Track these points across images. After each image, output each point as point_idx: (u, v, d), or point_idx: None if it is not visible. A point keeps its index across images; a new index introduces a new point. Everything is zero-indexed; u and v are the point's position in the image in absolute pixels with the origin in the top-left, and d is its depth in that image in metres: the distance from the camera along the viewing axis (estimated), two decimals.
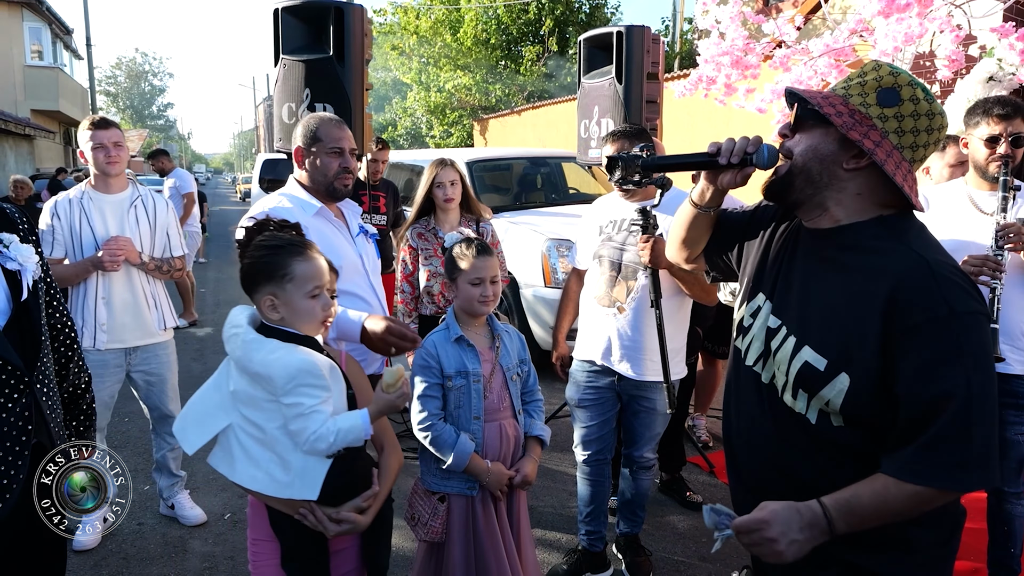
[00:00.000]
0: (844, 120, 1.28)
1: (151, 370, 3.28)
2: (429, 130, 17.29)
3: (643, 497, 2.99)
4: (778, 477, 1.41)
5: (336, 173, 2.33)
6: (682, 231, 1.67)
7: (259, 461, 1.62)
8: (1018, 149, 2.48)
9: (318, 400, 1.58)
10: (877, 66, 1.32)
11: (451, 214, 3.54)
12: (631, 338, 2.72)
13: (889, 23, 4.65)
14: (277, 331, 1.64)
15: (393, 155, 9.57)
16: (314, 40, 3.64)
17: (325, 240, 2.21)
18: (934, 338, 1.19)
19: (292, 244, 1.66)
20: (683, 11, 15.16)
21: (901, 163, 1.29)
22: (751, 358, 1.46)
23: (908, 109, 1.28)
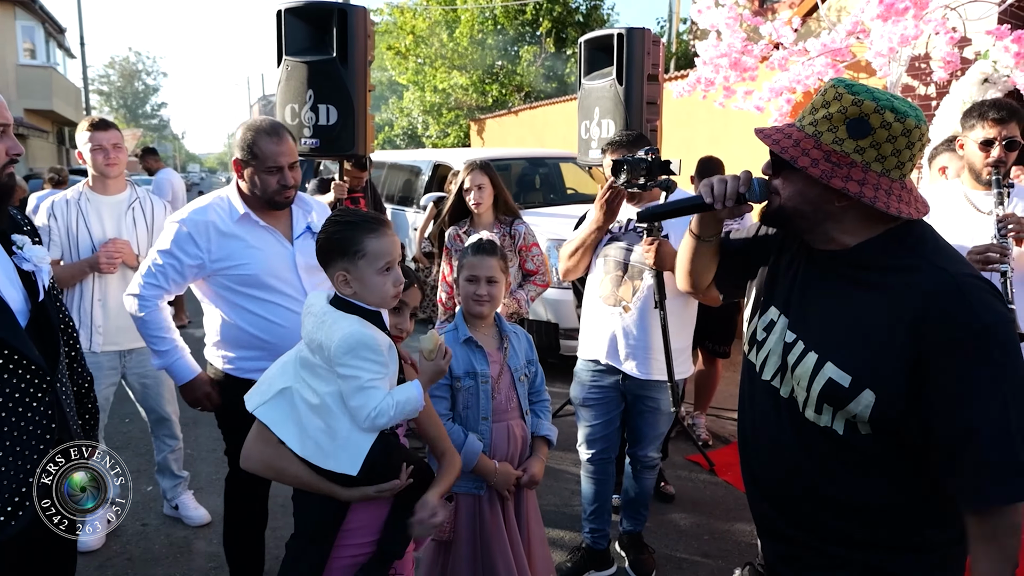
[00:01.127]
0: (823, 168, 1.27)
1: (147, 372, 3.26)
2: (426, 130, 17.29)
3: (646, 495, 3.01)
4: (798, 487, 1.42)
5: (274, 191, 2.33)
6: (687, 263, 1.69)
7: (308, 428, 1.65)
8: (1012, 152, 2.52)
9: (376, 375, 1.60)
10: (838, 95, 1.29)
11: (484, 217, 3.55)
12: (637, 337, 2.74)
13: (885, 24, 4.69)
14: (348, 305, 1.67)
15: (391, 155, 9.58)
16: (317, 41, 3.65)
17: (244, 246, 2.32)
18: (966, 354, 1.20)
19: (365, 220, 1.69)
20: (679, 12, 15.21)
21: (892, 185, 1.28)
22: (768, 373, 1.46)
23: (882, 136, 1.26)
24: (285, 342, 2.19)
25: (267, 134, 2.30)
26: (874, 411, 1.27)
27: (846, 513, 1.37)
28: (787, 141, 1.33)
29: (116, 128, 3.22)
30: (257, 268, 2.33)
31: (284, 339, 2.27)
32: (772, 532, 1.53)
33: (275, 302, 2.36)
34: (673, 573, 3.08)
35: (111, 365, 3.19)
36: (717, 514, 3.56)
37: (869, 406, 1.28)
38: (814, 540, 1.42)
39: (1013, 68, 4.46)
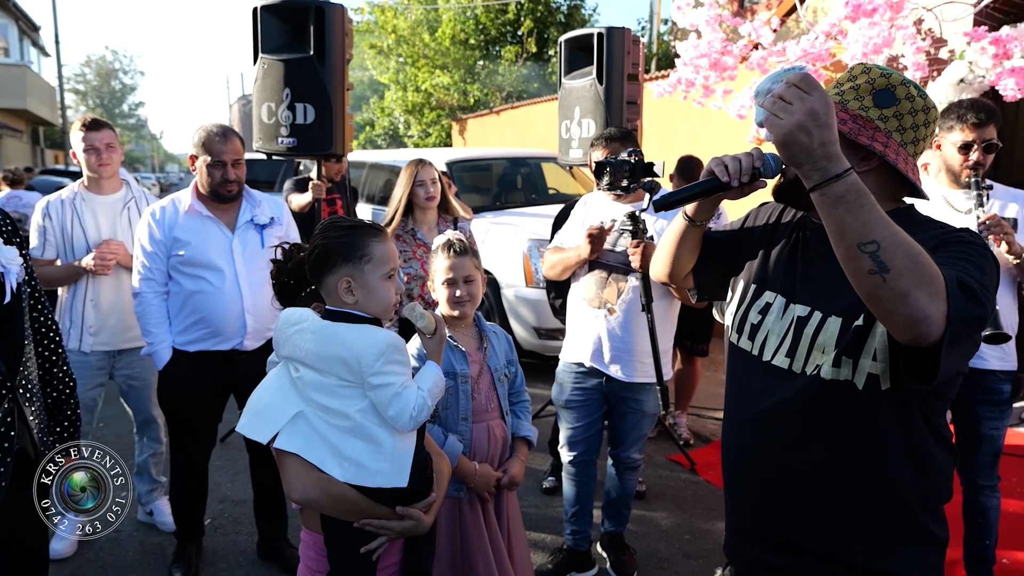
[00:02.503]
0: (851, 127, 1.32)
1: (135, 374, 3.23)
2: (407, 130, 17.21)
3: (628, 496, 3.01)
4: (808, 467, 1.39)
5: (218, 183, 2.77)
6: (672, 246, 1.66)
7: (345, 451, 1.56)
8: (989, 155, 2.54)
9: (405, 377, 1.57)
10: (866, 69, 1.36)
11: (429, 214, 3.52)
12: (622, 339, 2.73)
13: (860, 27, 4.73)
14: (343, 316, 1.60)
15: (372, 155, 9.52)
16: (294, 39, 3.61)
17: (189, 231, 2.77)
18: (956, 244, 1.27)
19: (368, 225, 1.65)
20: (659, 12, 15.27)
21: (908, 159, 1.35)
22: (769, 352, 1.44)
23: (906, 107, 1.33)
24: (212, 316, 2.77)
25: (216, 134, 2.76)
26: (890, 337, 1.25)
27: (858, 492, 1.36)
28: None
29: (110, 128, 3.19)
30: (195, 251, 2.75)
31: (211, 313, 2.77)
32: (768, 537, 1.48)
33: (207, 279, 2.77)
34: (654, 573, 3.07)
35: (99, 365, 3.16)
36: (698, 513, 3.56)
37: (885, 331, 1.27)
38: (808, 533, 1.40)
39: (989, 69, 4.51)
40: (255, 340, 2.87)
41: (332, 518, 1.63)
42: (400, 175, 3.55)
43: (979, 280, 1.19)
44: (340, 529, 1.62)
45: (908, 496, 1.36)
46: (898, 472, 1.35)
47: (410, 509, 1.65)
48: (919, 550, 1.37)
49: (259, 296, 2.83)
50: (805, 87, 1.11)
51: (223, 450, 4.19)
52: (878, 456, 1.35)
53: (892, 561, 1.36)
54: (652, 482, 3.88)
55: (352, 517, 1.61)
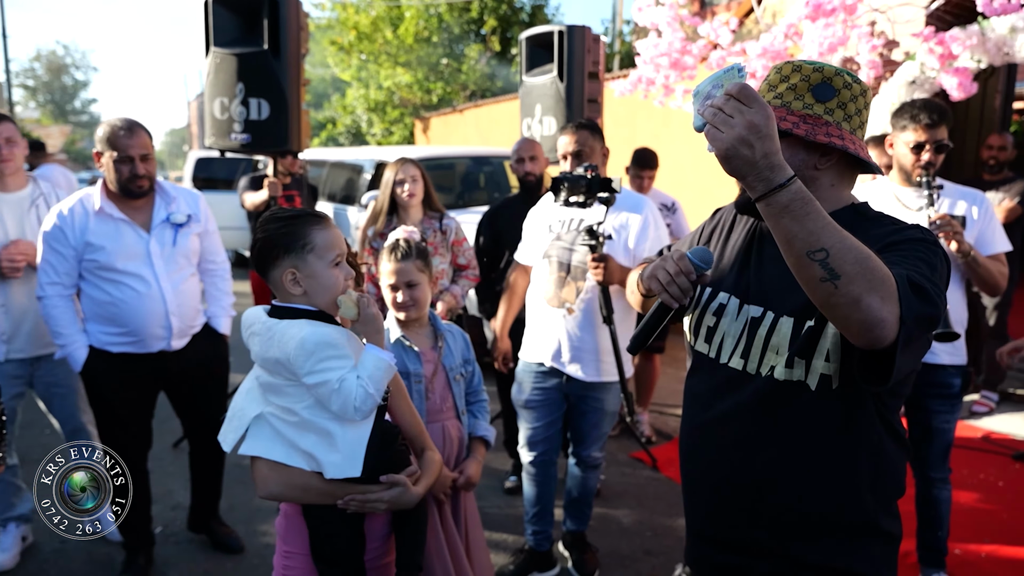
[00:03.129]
0: (805, 129, 1.33)
1: (58, 380, 3.06)
2: (370, 128, 17.03)
3: (590, 495, 3.00)
4: (755, 474, 1.39)
5: (127, 179, 2.66)
6: (638, 295, 1.70)
7: (301, 445, 1.58)
8: (940, 155, 2.59)
9: (344, 370, 1.53)
10: (796, 67, 1.37)
11: (413, 211, 3.48)
12: (581, 339, 2.71)
13: (816, 27, 4.81)
14: (291, 311, 1.58)
15: (332, 153, 9.38)
16: (247, 32, 3.52)
17: (102, 235, 2.67)
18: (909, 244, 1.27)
19: (307, 214, 1.61)
20: (622, 12, 15.38)
21: (860, 142, 1.38)
22: (725, 354, 1.44)
23: (846, 96, 1.35)
24: (134, 322, 2.70)
25: (120, 128, 2.65)
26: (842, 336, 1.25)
27: (808, 486, 1.36)
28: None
29: (11, 121, 3.00)
30: (111, 256, 2.67)
31: (133, 319, 2.71)
32: (723, 539, 1.47)
33: (127, 284, 2.70)
34: (616, 571, 3.07)
35: (16, 374, 2.96)
36: (660, 510, 3.57)
37: (837, 332, 1.27)
38: (765, 532, 1.39)
39: (939, 70, 4.61)
40: (181, 339, 2.85)
41: (316, 509, 1.66)
42: (384, 174, 3.52)
43: (930, 278, 1.20)
44: (320, 509, 1.65)
45: (863, 494, 1.36)
46: (852, 470, 1.35)
47: (396, 476, 1.65)
48: (874, 547, 1.38)
49: (182, 296, 2.82)
50: (744, 99, 1.09)
51: (176, 456, 4.07)
52: (832, 455, 1.35)
53: (848, 559, 1.36)
54: (614, 480, 3.89)
55: (327, 501, 1.63)
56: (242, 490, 3.57)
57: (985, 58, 4.45)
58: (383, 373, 1.56)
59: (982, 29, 4.39)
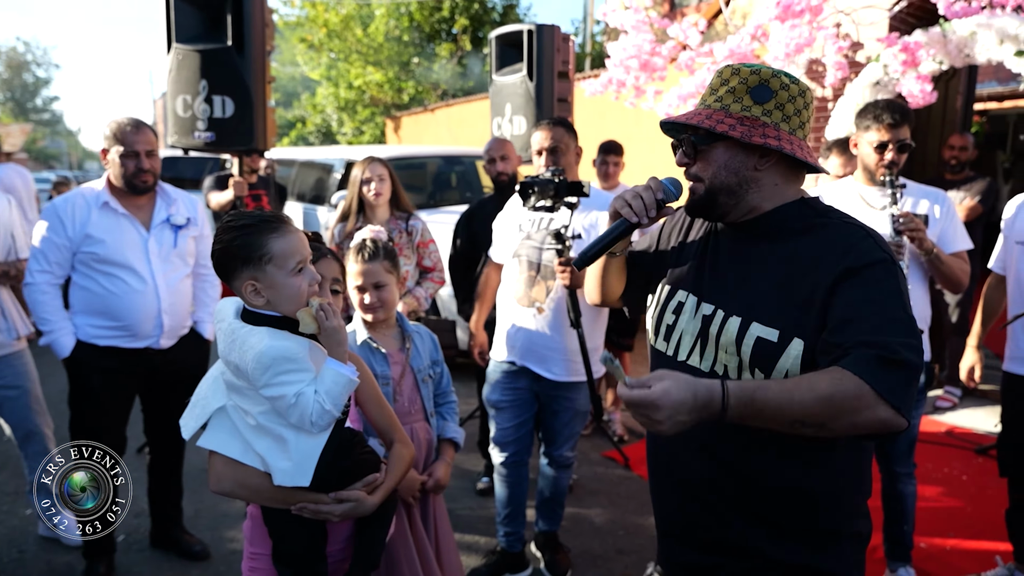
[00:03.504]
0: (741, 131, 1.34)
1: (8, 383, 3.01)
2: (340, 127, 16.86)
3: (562, 495, 2.99)
4: (727, 474, 1.39)
5: (132, 173, 2.73)
6: (598, 279, 1.69)
7: (255, 446, 1.55)
8: (903, 155, 2.62)
9: (302, 384, 1.48)
10: (735, 70, 1.39)
11: (380, 211, 3.44)
12: (551, 339, 2.70)
13: (783, 29, 4.86)
14: (258, 316, 1.53)
15: (302, 152, 9.27)
16: (211, 28, 3.44)
17: (103, 228, 2.72)
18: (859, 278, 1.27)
19: (264, 220, 1.53)
20: (593, 13, 15.42)
21: (801, 143, 1.38)
22: (683, 352, 1.45)
23: (784, 97, 1.36)
24: (127, 317, 2.73)
25: (127, 124, 2.74)
26: (804, 360, 1.28)
27: (772, 489, 1.36)
28: (699, 116, 1.38)
29: None
30: (110, 250, 2.71)
31: (127, 314, 2.73)
32: (690, 538, 1.48)
33: (123, 279, 2.73)
34: (589, 571, 3.06)
35: None
36: (632, 508, 3.58)
37: (799, 356, 1.29)
38: (744, 536, 1.39)
39: (902, 72, 4.69)
40: (170, 339, 2.88)
41: (274, 512, 1.63)
42: (352, 173, 3.48)
43: (901, 318, 1.23)
44: (278, 511, 1.61)
45: (828, 496, 1.36)
46: (816, 474, 1.35)
47: (348, 492, 1.60)
48: (843, 546, 1.39)
49: (176, 295, 2.85)
50: (635, 407, 1.16)
51: (140, 461, 3.97)
52: (794, 460, 1.35)
53: (817, 558, 1.36)
54: (586, 479, 3.89)
55: (279, 505, 1.60)
56: (208, 495, 3.50)
57: (946, 60, 4.53)
58: (342, 389, 1.51)
59: (943, 31, 4.48)
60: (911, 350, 1.19)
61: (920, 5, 5.16)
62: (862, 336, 1.19)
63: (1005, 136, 10.39)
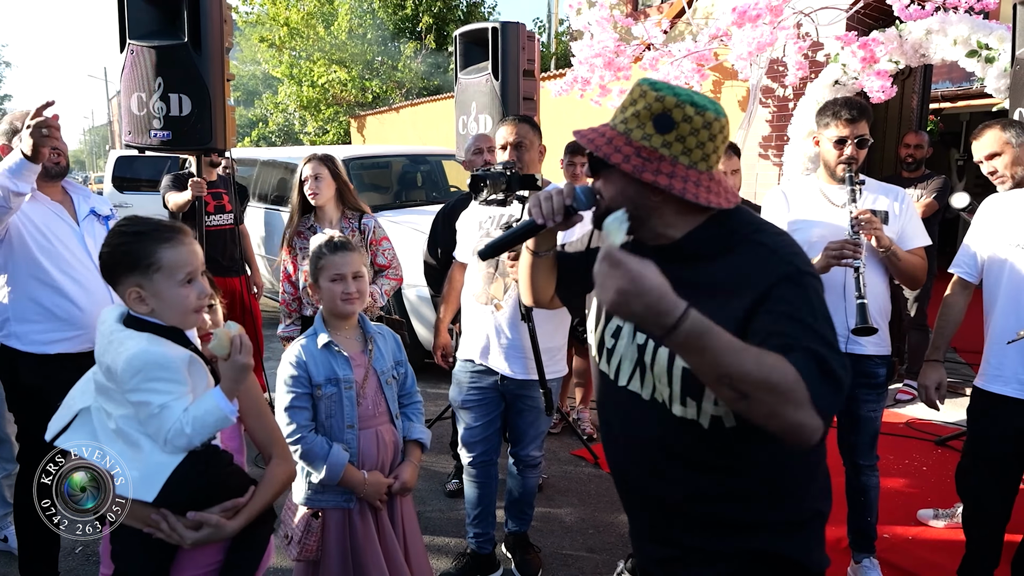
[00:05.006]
0: (634, 164, 1.29)
1: None
2: (303, 126, 16.63)
3: (531, 495, 2.97)
4: (674, 486, 1.39)
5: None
6: (527, 279, 1.67)
7: (111, 455, 1.48)
8: (862, 150, 2.66)
9: (170, 396, 1.43)
10: (643, 93, 1.32)
11: (328, 210, 3.39)
12: (509, 336, 2.68)
13: (744, 30, 4.93)
14: (141, 322, 1.50)
15: (263, 152, 9.10)
16: (166, 25, 3.36)
17: (37, 222, 2.52)
18: (785, 291, 1.25)
19: (158, 228, 1.52)
20: (558, 12, 15.47)
21: (700, 177, 1.31)
22: (624, 378, 1.44)
23: (685, 129, 1.30)
24: (79, 316, 2.54)
25: (21, 114, 2.58)
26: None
27: (724, 502, 1.37)
28: (601, 140, 1.34)
29: None
30: (49, 244, 2.53)
31: (78, 313, 2.55)
32: (651, 536, 1.50)
33: (69, 275, 2.55)
34: (560, 570, 3.05)
35: None
36: (602, 507, 3.58)
37: None
38: (696, 538, 1.40)
39: (860, 71, 4.78)
40: None
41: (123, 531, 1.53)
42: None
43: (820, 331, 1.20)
44: (123, 530, 1.52)
45: (786, 496, 1.37)
46: (769, 481, 1.36)
47: (204, 515, 1.50)
48: (805, 532, 1.40)
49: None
50: (611, 263, 1.11)
51: None
52: (744, 473, 1.35)
53: (781, 545, 1.37)
54: (556, 478, 3.88)
55: (128, 521, 1.50)
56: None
57: (902, 60, 4.63)
58: (212, 422, 1.45)
59: (899, 32, 4.57)
60: (844, 369, 1.19)
61: (876, 6, 5.27)
62: (805, 341, 1.18)
63: (958, 134, 10.69)
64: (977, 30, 4.34)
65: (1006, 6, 4.13)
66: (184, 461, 1.47)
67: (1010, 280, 2.41)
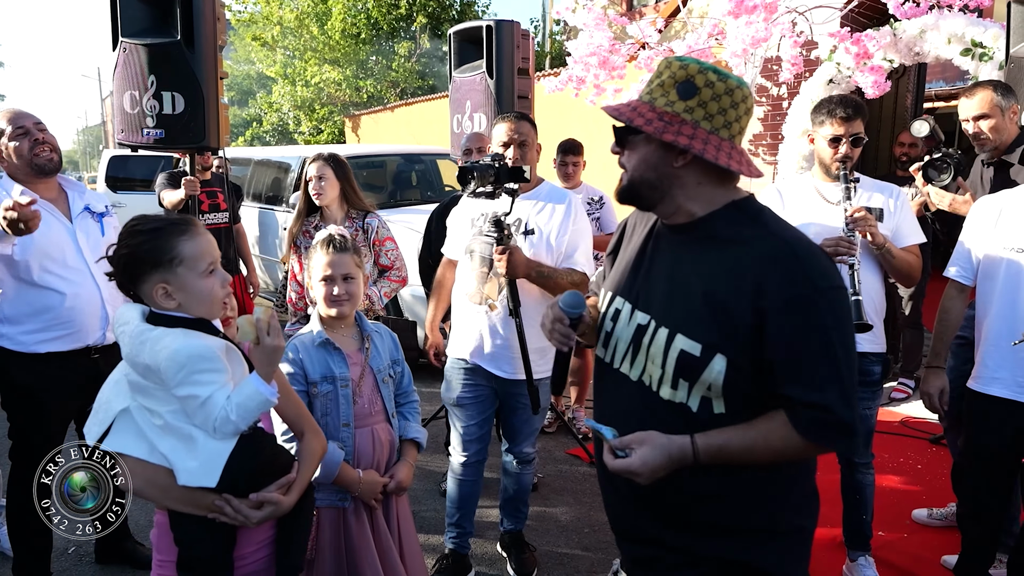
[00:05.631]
0: (656, 126, 1.33)
1: None
2: (297, 126, 16.59)
3: (525, 492, 2.96)
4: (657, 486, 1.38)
5: (30, 149, 2.54)
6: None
7: (159, 447, 1.51)
8: (857, 148, 2.66)
9: (215, 386, 1.45)
10: (667, 63, 1.37)
11: (333, 210, 3.38)
12: (503, 336, 2.66)
13: (739, 25, 4.92)
14: (168, 318, 1.51)
15: (258, 152, 9.08)
16: (159, 22, 3.33)
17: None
18: (800, 313, 1.27)
19: (172, 223, 1.54)
20: (551, 11, 15.45)
21: (722, 144, 1.34)
22: (617, 360, 1.47)
23: (707, 95, 1.33)
24: (70, 314, 2.54)
25: (4, 112, 2.59)
26: (727, 378, 1.30)
27: (704, 499, 1.37)
28: (625, 108, 1.39)
29: None
30: (39, 244, 2.47)
31: (69, 311, 2.54)
32: (630, 534, 1.51)
33: (59, 274, 2.53)
34: (555, 569, 3.05)
35: None
36: (597, 506, 3.57)
37: (721, 372, 1.30)
38: (675, 536, 1.40)
39: (854, 69, 4.79)
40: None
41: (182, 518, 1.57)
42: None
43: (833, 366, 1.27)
44: (183, 516, 1.57)
45: (765, 498, 1.37)
46: (752, 478, 1.36)
47: (264, 495, 1.56)
48: (780, 543, 1.39)
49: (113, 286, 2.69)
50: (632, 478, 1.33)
51: None
52: (725, 470, 1.35)
53: (751, 554, 1.37)
54: (551, 477, 3.87)
55: (187, 508, 1.54)
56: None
57: (897, 58, 4.64)
58: (255, 406, 1.48)
59: (893, 30, 4.58)
60: (849, 408, 1.27)
61: (871, 5, 5.28)
62: (806, 396, 1.26)
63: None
64: (971, 28, 4.34)
65: (1000, 4, 4.14)
66: (236, 446, 1.51)
67: (1005, 283, 2.37)
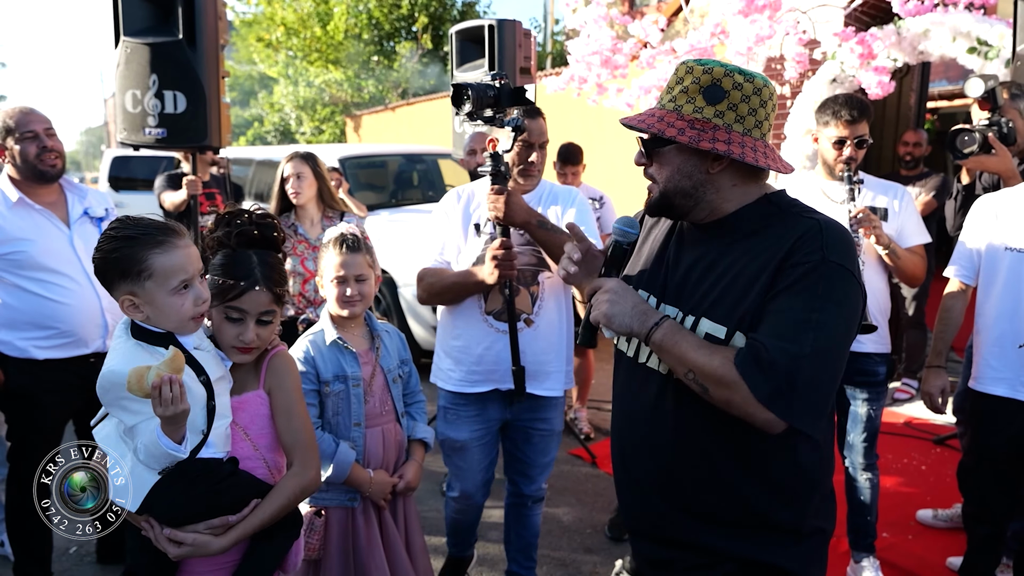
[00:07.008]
0: (690, 135, 1.31)
1: None
2: (299, 126, 16.59)
3: (535, 535, 2.69)
4: (680, 471, 1.39)
5: (36, 155, 2.51)
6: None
7: (116, 453, 1.47)
8: (861, 150, 2.65)
9: (140, 418, 1.38)
10: (689, 68, 1.35)
11: (308, 209, 3.37)
12: (544, 350, 2.36)
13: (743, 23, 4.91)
14: (141, 329, 1.46)
15: (259, 152, 9.07)
16: (161, 21, 3.33)
17: (21, 230, 2.48)
18: (799, 271, 1.27)
19: (148, 233, 1.42)
20: (553, 12, 15.44)
21: (756, 144, 1.34)
22: (643, 354, 1.45)
23: (736, 97, 1.32)
24: (68, 323, 2.52)
25: (17, 111, 2.55)
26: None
27: (725, 494, 1.36)
28: (652, 119, 1.36)
29: None
30: (34, 251, 2.48)
31: (66, 320, 2.52)
32: (649, 533, 1.49)
33: (55, 283, 2.51)
34: (557, 571, 3.04)
35: None
36: (599, 506, 3.56)
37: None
38: (699, 533, 1.39)
39: (858, 68, 4.77)
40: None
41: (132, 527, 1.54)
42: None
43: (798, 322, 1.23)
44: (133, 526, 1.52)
45: (774, 497, 1.36)
46: (768, 474, 1.35)
47: (181, 533, 1.45)
48: (798, 543, 1.38)
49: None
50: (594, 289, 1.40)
51: None
52: (742, 460, 1.35)
53: (770, 554, 1.36)
54: (553, 478, 3.85)
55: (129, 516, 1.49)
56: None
57: (901, 57, 4.62)
58: (160, 455, 1.38)
59: (898, 29, 4.56)
60: (784, 355, 1.21)
61: (875, 3, 5.26)
62: (760, 336, 1.25)
63: None
64: (977, 26, 4.32)
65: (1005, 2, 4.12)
66: (166, 477, 1.43)
67: (1006, 283, 2.36)
